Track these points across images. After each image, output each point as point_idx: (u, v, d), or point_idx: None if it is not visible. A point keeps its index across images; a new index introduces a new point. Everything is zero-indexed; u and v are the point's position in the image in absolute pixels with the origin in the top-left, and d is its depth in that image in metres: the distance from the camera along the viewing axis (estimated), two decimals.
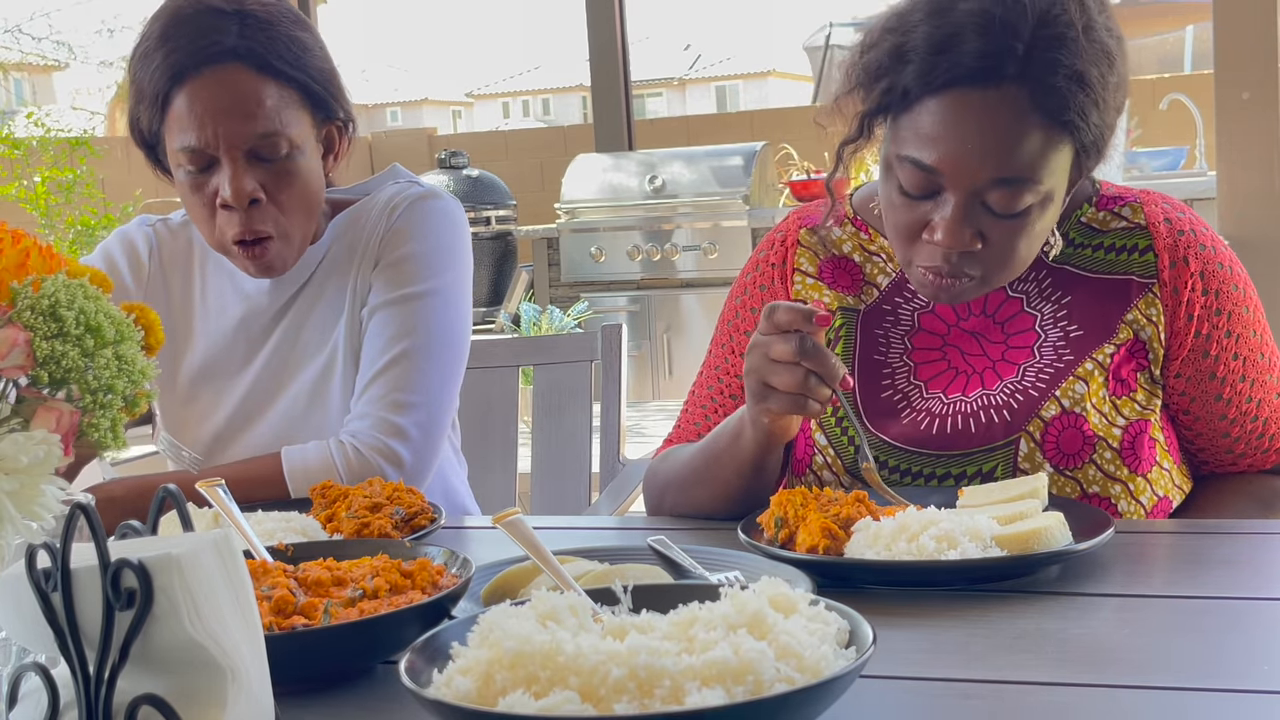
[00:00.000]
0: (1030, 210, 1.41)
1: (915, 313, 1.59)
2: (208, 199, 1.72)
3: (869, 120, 1.47)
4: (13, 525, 0.88)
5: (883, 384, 1.56)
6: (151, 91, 1.70)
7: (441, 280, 1.79)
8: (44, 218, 7.55)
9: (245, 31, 1.69)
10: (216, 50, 1.68)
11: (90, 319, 0.94)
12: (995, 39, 1.36)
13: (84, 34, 21.90)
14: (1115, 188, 1.61)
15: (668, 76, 32.28)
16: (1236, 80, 4.35)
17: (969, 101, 1.37)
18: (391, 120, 31.43)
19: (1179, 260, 1.53)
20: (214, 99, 1.68)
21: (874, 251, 1.63)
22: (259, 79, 1.69)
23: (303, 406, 1.81)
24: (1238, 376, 1.55)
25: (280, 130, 1.70)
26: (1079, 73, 1.37)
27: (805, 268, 1.64)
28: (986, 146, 1.37)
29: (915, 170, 1.41)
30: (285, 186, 1.73)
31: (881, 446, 1.53)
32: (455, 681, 0.86)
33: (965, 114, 1.38)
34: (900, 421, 1.53)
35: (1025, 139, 1.37)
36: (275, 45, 1.71)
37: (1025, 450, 1.48)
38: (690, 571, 1.22)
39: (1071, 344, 1.52)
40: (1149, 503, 1.50)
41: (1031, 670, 1.01)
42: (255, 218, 1.71)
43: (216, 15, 1.70)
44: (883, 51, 1.43)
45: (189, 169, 1.71)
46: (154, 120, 1.73)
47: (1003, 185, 1.38)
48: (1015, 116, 1.37)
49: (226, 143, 1.68)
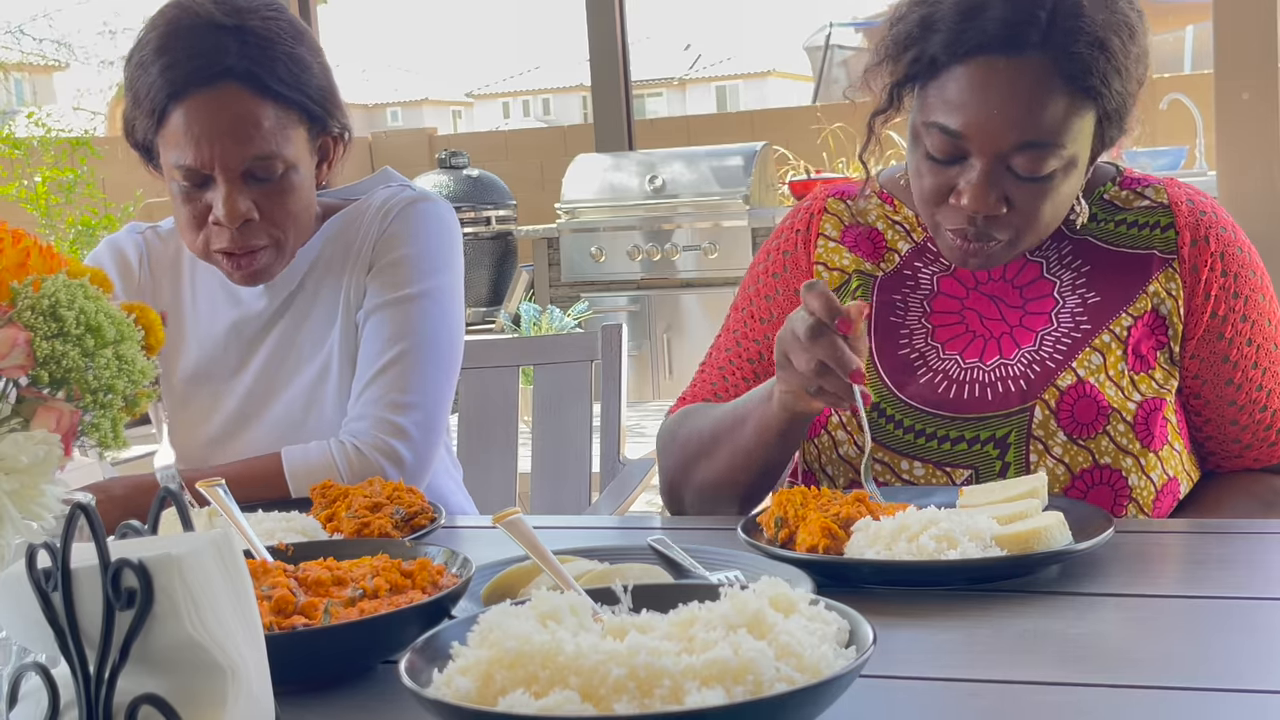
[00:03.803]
0: (1054, 175, 1.45)
1: (935, 276, 1.62)
2: (199, 212, 1.72)
3: (897, 90, 1.52)
4: (13, 525, 0.88)
5: (900, 343, 1.59)
6: (148, 103, 1.70)
7: (436, 282, 1.80)
8: (44, 218, 7.56)
9: (245, 50, 1.68)
10: (216, 70, 1.67)
11: (90, 319, 0.94)
12: (1020, 7, 1.42)
13: (85, 34, 21.93)
14: (1139, 173, 1.65)
15: (668, 76, 32.27)
16: (1236, 80, 4.35)
17: (994, 68, 1.42)
18: (391, 120, 31.44)
19: (1200, 239, 1.55)
20: (211, 120, 1.67)
21: (898, 221, 1.67)
22: (257, 101, 1.69)
23: (298, 410, 1.81)
24: (1250, 363, 1.56)
25: (276, 152, 1.70)
26: (1100, 40, 1.41)
27: (829, 232, 1.68)
28: (1011, 111, 1.42)
29: (942, 136, 1.45)
30: (279, 204, 1.73)
31: (898, 405, 1.55)
32: (455, 681, 0.86)
33: (990, 80, 1.43)
34: (917, 380, 1.56)
35: (1049, 104, 1.42)
36: (275, 66, 1.70)
37: (1040, 418, 1.50)
38: (690, 571, 1.22)
39: (1090, 312, 1.54)
40: (1159, 480, 1.51)
41: (1031, 670, 1.01)
42: (246, 234, 1.72)
43: (216, 31, 1.68)
44: (911, 23, 1.48)
45: (183, 184, 1.71)
46: (149, 130, 1.72)
47: (1027, 149, 1.43)
48: (1039, 82, 1.42)
49: (222, 164, 1.68)
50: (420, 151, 9.15)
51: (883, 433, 1.54)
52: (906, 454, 1.53)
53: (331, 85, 1.79)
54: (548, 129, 12.44)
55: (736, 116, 11.76)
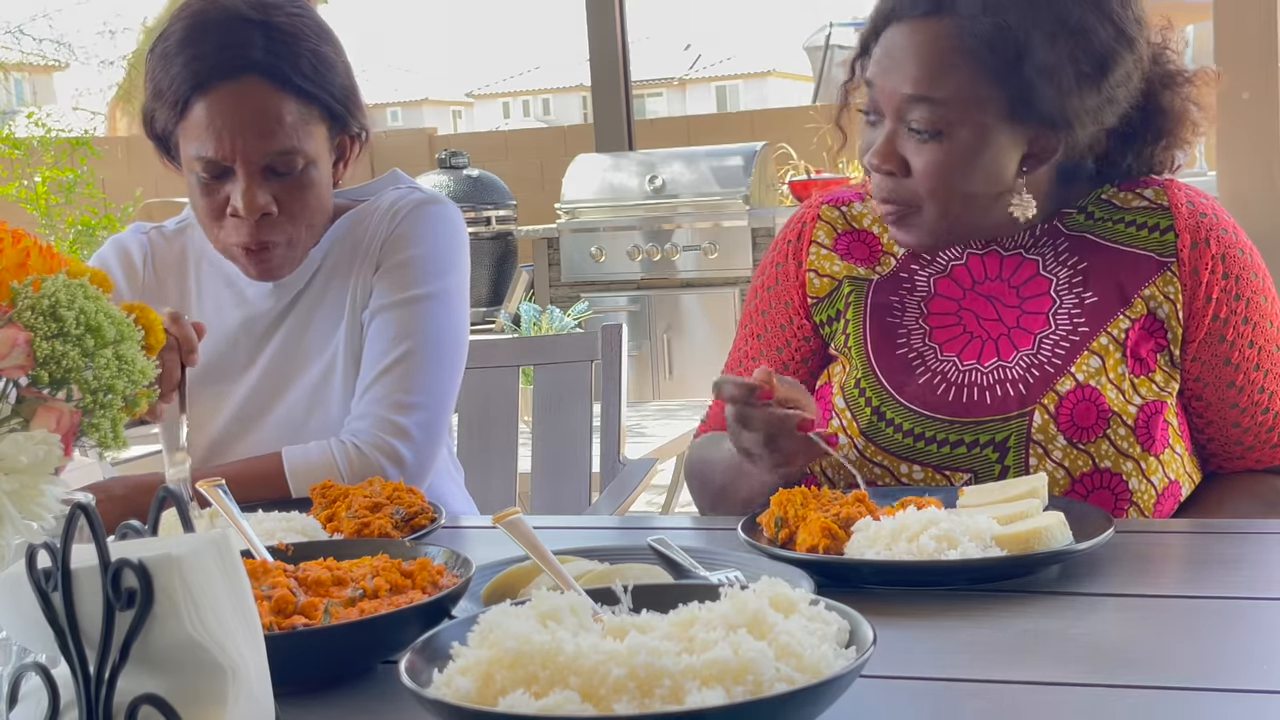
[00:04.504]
0: (950, 137, 1.50)
1: (931, 278, 1.63)
2: (218, 204, 1.73)
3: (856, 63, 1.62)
4: (13, 525, 0.88)
5: (898, 344, 1.60)
6: (171, 94, 1.70)
7: (442, 284, 1.80)
8: (44, 218, 7.56)
9: (270, 45, 1.69)
10: (240, 63, 1.68)
11: (90, 319, 0.94)
12: None
13: (85, 34, 21.94)
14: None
15: (668, 76, 32.30)
16: (1236, 80, 4.35)
17: (904, 28, 1.53)
18: (392, 120, 31.45)
19: (1200, 241, 1.55)
20: (234, 113, 1.68)
21: None
22: (280, 95, 1.69)
23: (303, 410, 1.81)
24: (1252, 365, 1.56)
25: (297, 147, 1.71)
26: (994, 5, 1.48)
27: (821, 240, 1.69)
28: (907, 67, 1.52)
29: (866, 90, 1.57)
30: (298, 199, 1.74)
31: (897, 407, 1.55)
32: (455, 681, 0.86)
33: (898, 39, 1.53)
34: (916, 381, 1.56)
35: (943, 62, 1.50)
36: (299, 61, 1.70)
37: (1039, 422, 1.50)
38: (690, 571, 1.22)
39: (1087, 313, 1.55)
40: (1160, 484, 1.51)
41: (1032, 670, 1.01)
42: (264, 229, 1.73)
43: (242, 24, 1.69)
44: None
45: (202, 175, 1.72)
46: (170, 121, 1.73)
47: (919, 103, 1.50)
48: (935, 43, 1.50)
49: (243, 157, 1.69)
50: (420, 151, 9.15)
51: (882, 436, 1.55)
52: (906, 458, 1.53)
53: (353, 84, 1.80)
54: (548, 129, 12.44)
55: (736, 116, 11.77)
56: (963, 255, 1.62)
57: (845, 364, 1.62)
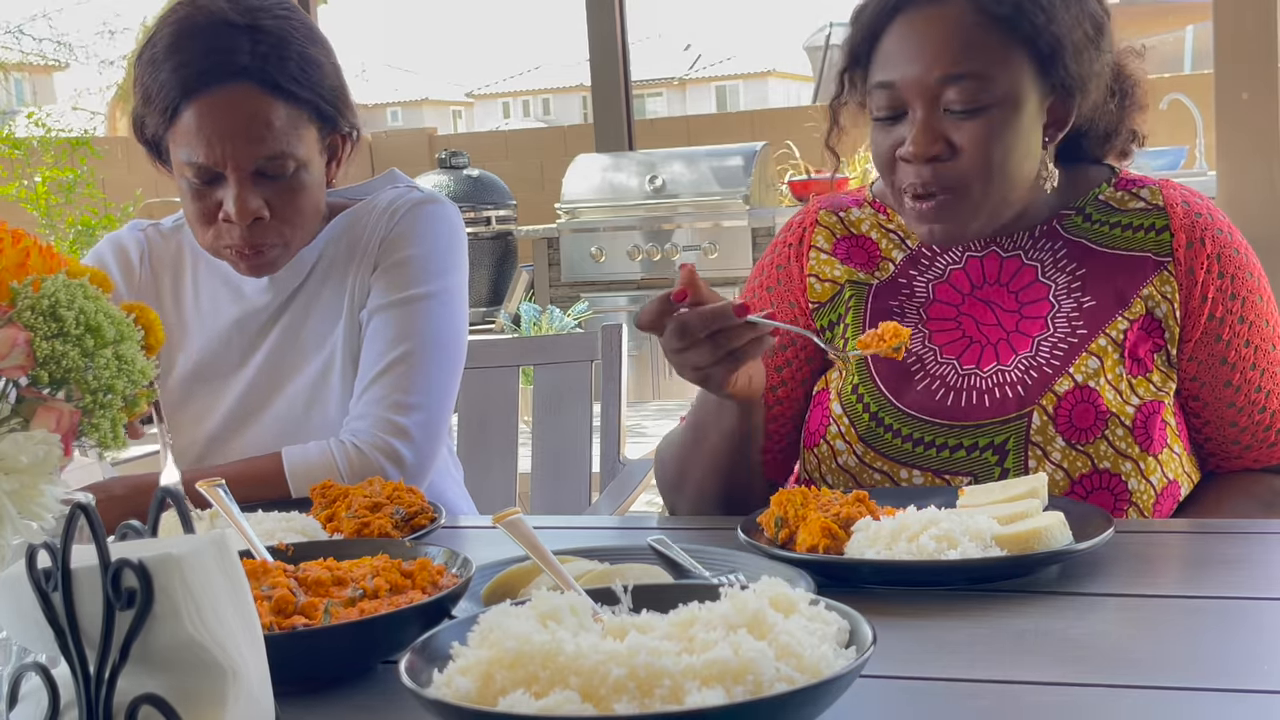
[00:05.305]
0: (991, 109, 1.48)
1: (930, 284, 1.63)
2: (209, 209, 1.73)
3: (846, 75, 1.60)
4: (13, 525, 0.88)
5: None
6: (160, 101, 1.70)
7: (441, 284, 1.80)
8: (44, 218, 7.56)
9: (257, 49, 1.68)
10: (228, 69, 1.67)
11: (90, 319, 0.94)
12: None
13: (84, 34, 21.94)
14: (1134, 174, 1.65)
15: (668, 76, 32.29)
16: (1236, 80, 4.35)
17: (915, 19, 1.51)
18: (391, 120, 31.45)
19: (1195, 241, 1.55)
20: (224, 119, 1.68)
21: (891, 229, 1.68)
22: (269, 100, 1.69)
23: (300, 408, 1.81)
24: (1248, 364, 1.56)
25: (288, 151, 1.71)
26: None
27: (821, 244, 1.69)
28: (934, 50, 1.49)
29: (881, 92, 1.53)
30: (289, 203, 1.74)
31: (896, 414, 1.55)
32: (455, 681, 0.86)
33: (913, 29, 1.51)
34: (915, 388, 1.56)
35: (969, 37, 1.48)
36: (287, 65, 1.70)
37: (1038, 423, 1.50)
38: (690, 571, 1.22)
39: (1085, 316, 1.55)
40: (1159, 484, 1.51)
41: (1031, 670, 1.01)
42: (256, 233, 1.73)
43: (228, 29, 1.68)
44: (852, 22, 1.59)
45: (193, 181, 1.71)
46: (160, 127, 1.73)
47: (953, 83, 1.48)
48: (958, 20, 1.48)
49: (234, 162, 1.69)
50: (420, 151, 9.15)
51: (882, 442, 1.55)
52: (906, 463, 1.53)
53: (342, 84, 1.79)
54: (548, 129, 12.43)
55: (736, 116, 11.77)
56: (962, 259, 1.62)
57: (843, 369, 1.62)
